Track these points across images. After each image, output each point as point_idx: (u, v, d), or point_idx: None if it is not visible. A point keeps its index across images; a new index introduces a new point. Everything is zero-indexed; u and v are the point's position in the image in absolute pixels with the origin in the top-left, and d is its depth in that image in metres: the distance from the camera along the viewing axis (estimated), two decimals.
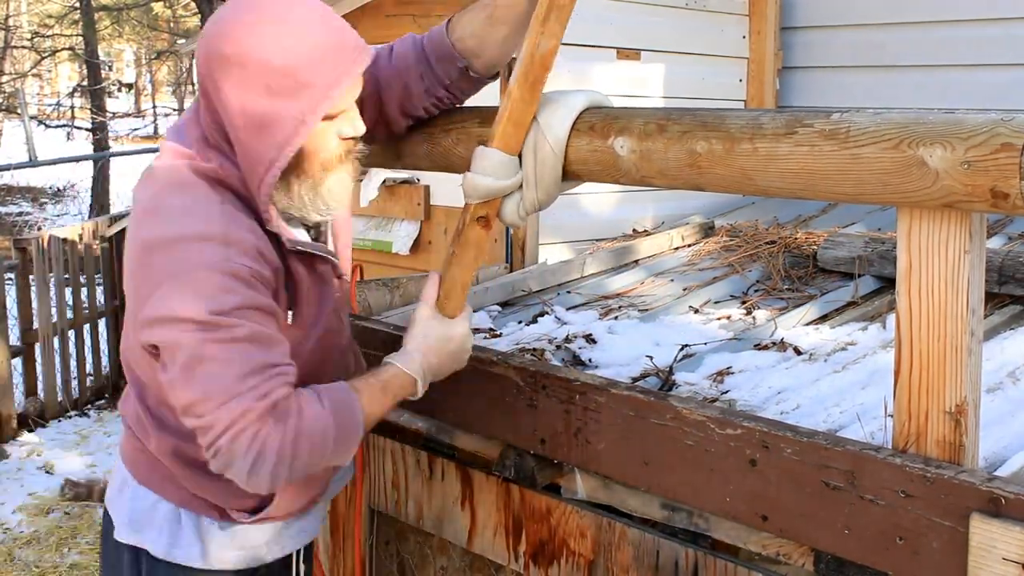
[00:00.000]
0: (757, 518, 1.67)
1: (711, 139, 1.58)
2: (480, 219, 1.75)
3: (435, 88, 1.87)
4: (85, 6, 16.14)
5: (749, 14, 4.50)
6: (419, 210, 4.18)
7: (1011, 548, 1.36)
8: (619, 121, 1.72)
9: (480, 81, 1.89)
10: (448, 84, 1.87)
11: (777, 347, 2.44)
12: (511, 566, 2.17)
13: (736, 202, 4.23)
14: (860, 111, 1.46)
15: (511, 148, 1.74)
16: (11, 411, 5.98)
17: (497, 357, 2.06)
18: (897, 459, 1.49)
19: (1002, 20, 3.98)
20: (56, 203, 16.94)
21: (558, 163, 1.75)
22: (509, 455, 2.06)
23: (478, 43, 1.81)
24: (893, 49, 4.27)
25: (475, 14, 1.81)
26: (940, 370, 1.45)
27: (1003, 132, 1.29)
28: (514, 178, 1.74)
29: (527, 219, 1.84)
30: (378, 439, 2.44)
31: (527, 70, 1.71)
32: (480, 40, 1.81)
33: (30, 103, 19.61)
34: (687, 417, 1.74)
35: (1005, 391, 2.04)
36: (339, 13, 4.92)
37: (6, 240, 8.31)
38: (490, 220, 1.76)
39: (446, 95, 1.90)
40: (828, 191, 1.48)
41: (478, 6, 1.81)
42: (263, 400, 1.49)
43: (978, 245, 1.43)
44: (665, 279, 3.18)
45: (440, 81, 1.86)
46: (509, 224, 1.83)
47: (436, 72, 1.85)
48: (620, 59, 4.05)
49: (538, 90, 1.73)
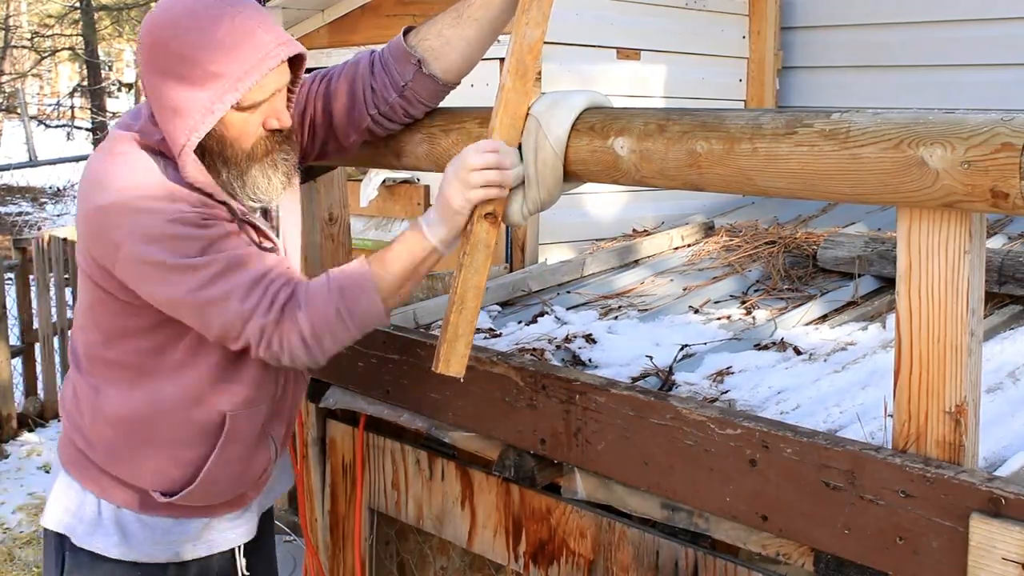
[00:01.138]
0: (757, 518, 1.67)
1: (711, 139, 1.58)
2: (488, 216, 1.75)
3: (386, 91, 1.88)
4: (85, 6, 16.15)
5: (749, 14, 4.50)
6: (419, 210, 4.18)
7: (1011, 548, 1.36)
8: (619, 121, 1.72)
9: (437, 85, 1.89)
10: (402, 86, 1.87)
11: (777, 347, 2.44)
12: (511, 566, 2.17)
13: (736, 202, 4.23)
14: (860, 111, 1.46)
15: (511, 140, 1.75)
16: (11, 411, 5.97)
17: (497, 357, 2.06)
18: (897, 459, 1.49)
19: (1002, 20, 3.98)
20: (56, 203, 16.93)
21: (559, 162, 1.76)
22: (509, 455, 2.06)
23: (442, 42, 1.84)
24: (893, 49, 4.27)
25: (443, 15, 1.86)
26: (940, 370, 1.45)
27: (1003, 132, 1.29)
28: (516, 169, 1.75)
29: (529, 219, 1.84)
30: (378, 439, 2.44)
31: (518, 61, 1.74)
32: (445, 39, 1.84)
33: (30, 103, 19.61)
34: (687, 417, 1.74)
35: (1005, 391, 2.04)
36: (339, 13, 4.90)
37: (6, 240, 8.31)
38: (497, 216, 1.76)
39: (399, 100, 1.89)
40: (828, 191, 1.48)
41: (448, 9, 1.85)
42: (270, 311, 1.66)
43: (978, 245, 1.43)
44: (665, 279, 3.18)
45: (394, 83, 1.87)
46: (513, 224, 1.83)
47: (390, 73, 1.87)
48: (620, 59, 4.05)
49: (530, 80, 1.75)
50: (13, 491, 5.36)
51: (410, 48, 1.86)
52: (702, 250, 3.49)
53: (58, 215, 15.53)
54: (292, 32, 4.56)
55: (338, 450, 2.56)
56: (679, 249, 3.59)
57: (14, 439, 5.96)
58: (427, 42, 1.85)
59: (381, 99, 1.90)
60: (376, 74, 1.88)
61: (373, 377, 2.32)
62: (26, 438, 6.05)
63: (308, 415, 2.59)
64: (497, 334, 2.66)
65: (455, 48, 1.84)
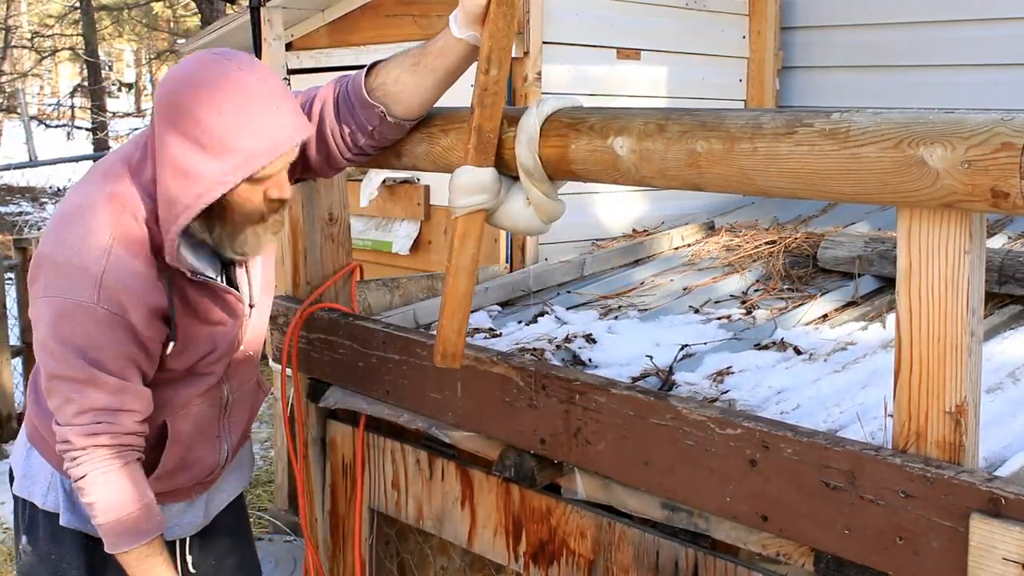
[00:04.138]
0: (757, 518, 1.67)
1: (711, 139, 1.58)
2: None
3: (356, 136, 1.95)
4: (85, 6, 16.15)
5: (749, 14, 4.50)
6: (419, 210, 4.18)
7: (1011, 548, 1.36)
8: (619, 121, 1.72)
9: (402, 126, 1.96)
10: (371, 131, 1.94)
11: (777, 347, 2.44)
12: (511, 566, 2.17)
13: (736, 202, 4.23)
14: (860, 111, 1.46)
15: (483, 163, 1.84)
16: (11, 411, 5.97)
17: (497, 357, 2.06)
18: (897, 459, 1.49)
19: (1002, 20, 3.98)
20: (56, 203, 16.92)
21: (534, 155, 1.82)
22: (509, 455, 2.06)
23: (399, 88, 1.90)
24: (893, 49, 4.27)
25: (401, 59, 1.90)
26: (940, 370, 1.45)
27: (1003, 132, 1.29)
28: (488, 193, 1.84)
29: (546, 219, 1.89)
30: (378, 439, 2.44)
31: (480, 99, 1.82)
32: (402, 85, 1.89)
33: (30, 103, 19.61)
34: (687, 417, 1.74)
35: (1005, 391, 2.04)
36: (339, 13, 4.90)
37: (7, 240, 8.30)
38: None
39: (368, 143, 1.97)
40: (828, 191, 1.48)
41: (406, 53, 1.90)
42: (88, 439, 1.77)
43: (978, 245, 1.42)
44: (665, 279, 3.18)
45: (362, 128, 1.94)
46: (533, 233, 1.92)
47: (357, 118, 1.93)
48: (620, 59, 4.05)
49: (497, 110, 1.83)
50: None
51: (370, 94, 1.91)
52: (702, 250, 3.49)
53: None
54: (292, 32, 4.56)
55: (338, 450, 2.56)
56: (679, 249, 3.59)
57: (14, 439, 5.96)
58: (386, 87, 1.91)
59: (352, 143, 1.97)
60: (344, 121, 1.95)
61: (373, 377, 2.32)
62: None
63: (308, 415, 2.59)
64: (497, 334, 2.66)
65: (412, 95, 1.91)
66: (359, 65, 1.98)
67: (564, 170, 1.81)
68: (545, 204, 1.86)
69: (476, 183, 1.84)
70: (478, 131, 1.83)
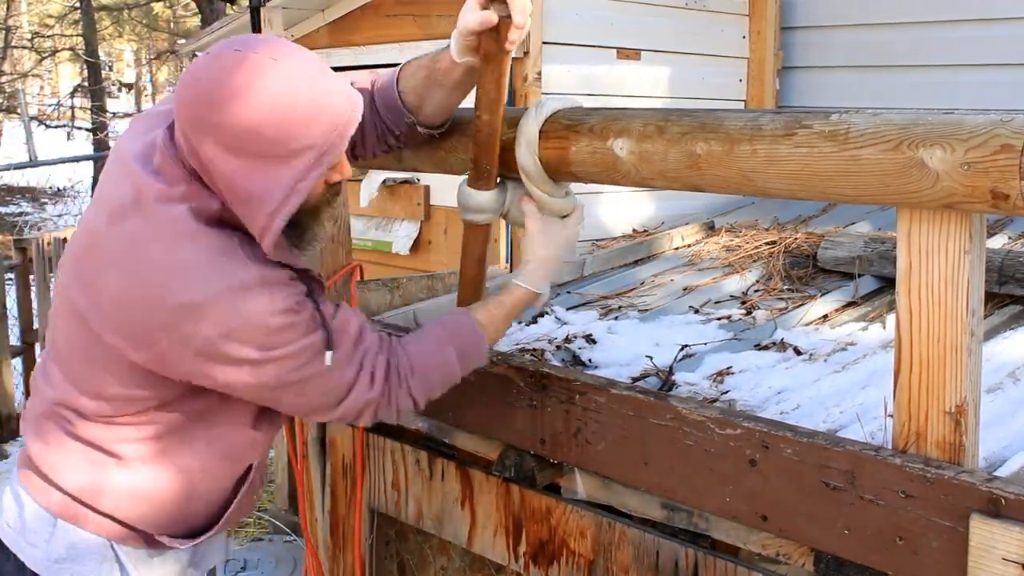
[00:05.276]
0: (757, 518, 1.67)
1: (710, 141, 1.58)
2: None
3: (386, 136, 1.90)
4: (85, 6, 16.15)
5: (749, 14, 4.50)
6: (419, 210, 4.18)
7: (1011, 548, 1.37)
8: (618, 122, 1.72)
9: (431, 134, 1.92)
10: (399, 135, 1.90)
11: (777, 347, 2.44)
12: (511, 566, 2.17)
13: (736, 202, 4.23)
14: (859, 112, 1.46)
15: (483, 187, 1.88)
16: (11, 411, 5.97)
17: (497, 357, 2.06)
18: (897, 459, 1.49)
19: (1002, 20, 3.98)
20: (56, 203, 16.93)
21: (534, 157, 1.83)
22: (509, 455, 2.06)
23: (419, 100, 1.86)
24: (893, 49, 4.27)
25: (417, 71, 1.84)
26: (940, 370, 1.46)
27: (1003, 133, 1.29)
28: (489, 212, 1.89)
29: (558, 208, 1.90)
30: (378, 439, 2.44)
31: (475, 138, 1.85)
32: (420, 98, 1.86)
33: (30, 103, 19.62)
34: (687, 417, 1.74)
35: (1005, 391, 2.04)
36: (339, 13, 4.89)
37: (7, 240, 8.31)
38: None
39: (396, 143, 1.92)
40: (828, 192, 1.48)
41: (421, 63, 1.84)
42: (372, 386, 1.65)
43: (978, 246, 1.43)
44: (665, 279, 3.18)
45: (391, 131, 1.89)
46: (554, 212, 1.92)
47: (386, 122, 1.88)
48: (620, 59, 4.05)
49: (494, 146, 1.84)
50: None
51: (399, 99, 1.84)
52: (702, 250, 3.49)
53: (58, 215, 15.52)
54: (292, 32, 4.56)
55: (338, 450, 2.56)
56: (679, 249, 3.59)
57: (14, 439, 5.96)
58: (407, 96, 1.85)
59: (382, 142, 1.91)
60: (376, 121, 1.87)
61: None
62: None
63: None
64: None
65: (429, 106, 1.87)
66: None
67: (564, 172, 1.82)
68: (549, 203, 1.87)
69: (475, 204, 1.89)
70: (475, 163, 1.87)
